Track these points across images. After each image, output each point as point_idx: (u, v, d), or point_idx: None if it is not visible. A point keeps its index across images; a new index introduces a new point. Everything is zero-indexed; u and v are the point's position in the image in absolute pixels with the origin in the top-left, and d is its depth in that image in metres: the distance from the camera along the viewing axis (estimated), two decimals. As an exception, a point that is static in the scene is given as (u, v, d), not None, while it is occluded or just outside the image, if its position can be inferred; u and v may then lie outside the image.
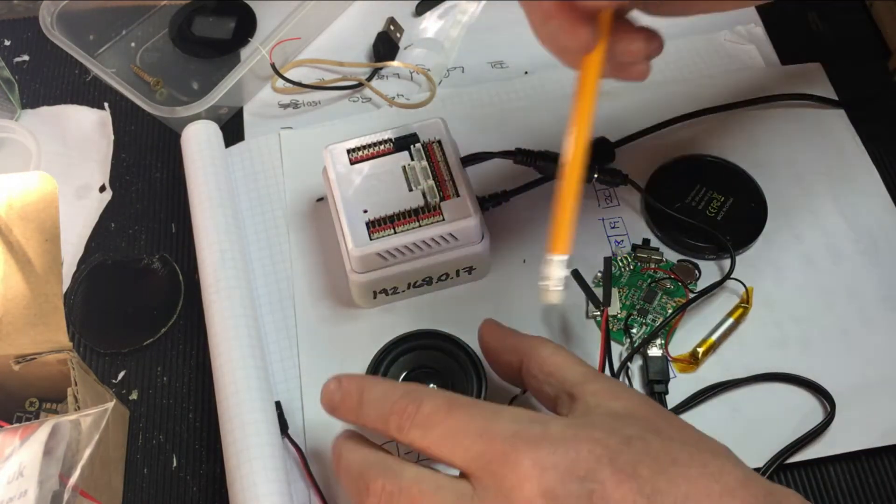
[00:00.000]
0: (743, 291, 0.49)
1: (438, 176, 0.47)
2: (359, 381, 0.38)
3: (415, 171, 0.47)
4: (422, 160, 0.48)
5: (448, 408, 0.35)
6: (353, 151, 0.48)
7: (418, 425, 0.35)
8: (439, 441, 0.34)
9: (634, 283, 0.50)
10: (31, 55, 0.64)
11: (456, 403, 0.35)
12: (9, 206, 0.42)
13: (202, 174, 0.52)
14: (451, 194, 0.46)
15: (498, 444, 0.33)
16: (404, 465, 0.35)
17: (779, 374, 0.47)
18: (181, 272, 0.53)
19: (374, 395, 0.37)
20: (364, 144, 0.48)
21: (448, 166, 0.47)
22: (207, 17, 0.63)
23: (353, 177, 0.47)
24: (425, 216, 0.46)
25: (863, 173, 0.54)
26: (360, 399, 0.37)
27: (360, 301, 0.50)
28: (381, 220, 0.46)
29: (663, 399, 0.46)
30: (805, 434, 0.44)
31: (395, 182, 0.47)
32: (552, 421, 0.34)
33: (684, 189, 0.52)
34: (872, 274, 0.50)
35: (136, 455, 0.47)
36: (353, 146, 0.48)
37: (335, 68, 0.60)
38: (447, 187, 0.47)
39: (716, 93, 0.57)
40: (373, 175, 0.47)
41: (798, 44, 0.60)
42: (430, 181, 0.47)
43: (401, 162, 0.48)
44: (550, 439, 0.33)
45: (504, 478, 0.32)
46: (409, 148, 0.48)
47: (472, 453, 0.33)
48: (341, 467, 0.37)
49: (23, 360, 0.42)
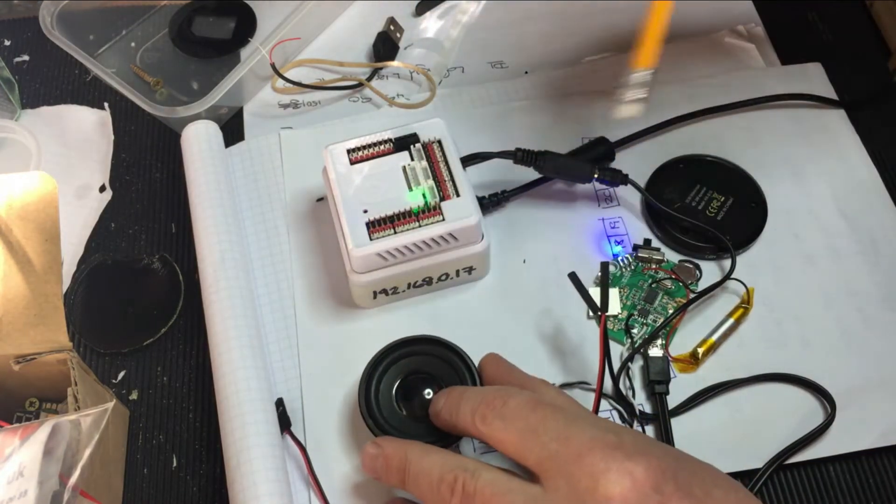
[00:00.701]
0: (744, 292, 0.49)
1: (438, 176, 0.47)
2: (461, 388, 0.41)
3: (415, 171, 0.47)
4: (422, 160, 0.48)
5: (533, 406, 0.36)
6: (353, 151, 0.48)
7: (501, 416, 0.37)
8: (519, 434, 0.36)
9: (635, 284, 0.50)
10: (31, 55, 0.64)
11: (541, 403, 0.37)
12: (9, 206, 0.42)
13: (202, 174, 0.52)
14: (452, 194, 0.46)
15: (575, 445, 0.34)
16: (479, 465, 0.37)
17: (779, 374, 0.47)
18: (181, 272, 0.53)
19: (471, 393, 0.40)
20: (364, 144, 0.48)
21: (448, 166, 0.47)
22: (207, 17, 0.63)
23: (353, 177, 0.47)
24: (425, 216, 0.46)
25: (863, 173, 0.54)
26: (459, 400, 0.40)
27: (360, 301, 0.50)
28: (381, 220, 0.46)
29: (664, 399, 0.46)
30: (805, 435, 0.44)
31: (395, 182, 0.47)
32: (625, 432, 0.36)
33: (684, 189, 0.52)
34: (872, 274, 0.50)
35: (136, 455, 0.47)
36: (353, 146, 0.48)
37: (335, 68, 0.60)
38: (447, 187, 0.47)
39: (716, 93, 0.57)
40: (373, 175, 0.47)
41: (798, 44, 0.60)
42: (430, 181, 0.47)
43: (401, 162, 0.48)
44: (624, 449, 0.34)
45: (579, 479, 0.34)
46: (409, 148, 0.48)
47: (549, 451, 0.35)
48: (412, 473, 0.38)
49: (23, 360, 0.41)
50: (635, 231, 0.52)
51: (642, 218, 0.53)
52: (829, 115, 0.57)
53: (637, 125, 0.55)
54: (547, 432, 0.35)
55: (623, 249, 0.52)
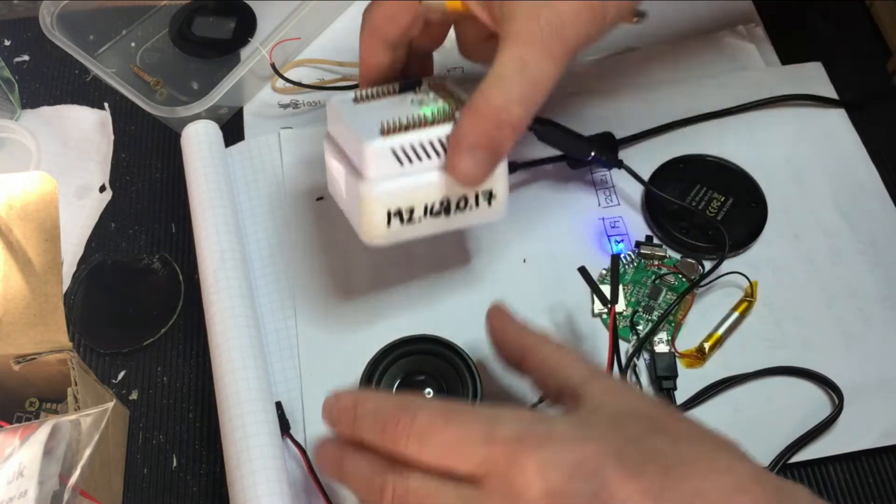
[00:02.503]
0: (747, 285, 0.49)
1: (449, 99, 0.44)
2: (353, 395, 0.37)
3: (423, 100, 0.44)
4: (429, 93, 0.45)
5: (445, 417, 0.34)
6: (357, 99, 0.45)
7: (415, 438, 0.34)
8: (439, 452, 0.33)
9: (639, 280, 0.50)
10: (31, 55, 0.64)
11: (453, 411, 0.34)
12: (9, 206, 0.42)
13: (202, 174, 0.52)
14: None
15: (501, 446, 0.32)
16: (412, 470, 0.34)
17: (787, 367, 0.47)
18: (181, 272, 0.53)
19: (367, 409, 0.36)
20: (367, 94, 0.45)
21: (456, 98, 0.44)
22: (207, 17, 0.63)
23: (359, 109, 0.44)
24: (440, 121, 0.42)
25: (863, 173, 0.54)
26: (354, 414, 0.36)
27: (370, 231, 0.43)
28: (394, 125, 0.41)
29: (672, 395, 0.46)
30: (813, 428, 0.44)
31: (405, 108, 0.43)
32: (557, 421, 0.34)
33: (684, 189, 0.52)
34: (872, 274, 0.50)
35: (136, 455, 0.47)
36: (356, 95, 0.45)
37: (335, 68, 0.60)
38: (460, 105, 0.42)
39: (716, 93, 0.57)
40: (380, 108, 0.44)
41: (798, 44, 0.60)
42: (441, 102, 0.44)
43: (408, 97, 0.44)
44: (556, 439, 0.32)
45: (512, 480, 0.32)
46: (413, 89, 0.45)
47: (477, 459, 0.33)
48: (347, 472, 0.37)
49: (23, 360, 0.41)
50: (635, 231, 0.52)
51: (642, 218, 0.53)
52: (829, 115, 0.57)
53: (638, 126, 0.55)
54: (470, 441, 0.33)
55: (624, 247, 0.52)
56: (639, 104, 0.56)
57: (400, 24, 0.43)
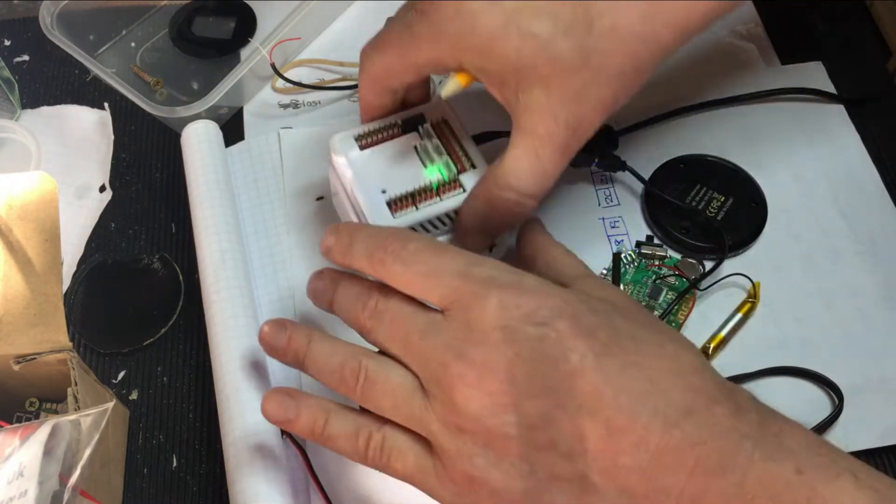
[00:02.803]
0: (750, 286, 0.49)
1: (451, 151, 0.46)
2: (350, 226, 0.40)
3: (427, 149, 0.46)
4: (432, 138, 0.46)
5: (433, 249, 0.37)
6: (360, 138, 0.47)
7: (401, 261, 0.37)
8: (420, 276, 0.36)
9: (639, 280, 0.50)
10: (31, 55, 0.64)
11: (441, 246, 0.37)
12: (9, 206, 0.42)
13: (202, 174, 0.52)
14: (467, 167, 0.45)
15: (472, 283, 0.35)
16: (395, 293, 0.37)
17: (785, 367, 0.47)
18: (181, 272, 0.53)
19: (362, 235, 0.39)
20: (370, 130, 0.47)
21: (458, 141, 0.46)
22: (207, 17, 0.63)
23: (364, 161, 0.46)
24: (445, 190, 0.45)
25: (863, 173, 0.54)
26: (350, 240, 0.39)
27: None
28: (401, 198, 0.44)
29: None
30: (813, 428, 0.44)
31: (409, 161, 0.46)
32: (528, 275, 0.36)
33: (684, 189, 0.52)
34: (872, 274, 0.50)
35: (136, 455, 0.47)
36: (359, 133, 0.47)
37: (335, 68, 0.60)
38: (462, 161, 0.45)
39: (716, 93, 0.57)
40: (385, 157, 0.46)
41: (798, 43, 0.60)
42: (444, 156, 0.46)
43: (412, 142, 0.46)
44: (521, 287, 0.35)
45: (471, 311, 0.35)
46: (416, 128, 0.47)
47: (448, 289, 0.35)
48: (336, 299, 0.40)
49: (23, 360, 0.41)
50: (635, 231, 0.52)
51: (642, 217, 0.53)
52: (829, 114, 0.57)
53: (636, 116, 0.55)
54: (449, 273, 0.36)
55: (625, 247, 0.52)
56: (637, 101, 0.56)
57: (401, 79, 0.44)
